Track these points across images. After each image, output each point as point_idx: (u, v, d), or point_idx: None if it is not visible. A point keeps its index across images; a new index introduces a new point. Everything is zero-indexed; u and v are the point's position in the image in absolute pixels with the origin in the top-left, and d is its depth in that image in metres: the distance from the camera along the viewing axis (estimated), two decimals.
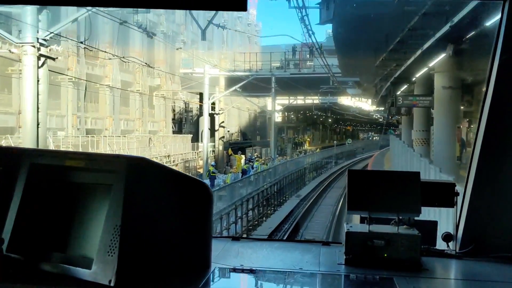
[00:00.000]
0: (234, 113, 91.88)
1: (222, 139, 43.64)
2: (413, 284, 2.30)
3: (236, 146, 58.94)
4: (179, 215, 2.23)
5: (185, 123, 69.92)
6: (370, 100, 58.91)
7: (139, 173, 2.08)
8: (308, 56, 53.17)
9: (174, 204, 2.22)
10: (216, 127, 42.48)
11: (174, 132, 56.62)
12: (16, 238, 2.17)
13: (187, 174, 2.53)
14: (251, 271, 2.37)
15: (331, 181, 41.13)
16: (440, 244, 2.80)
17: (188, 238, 2.25)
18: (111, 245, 1.97)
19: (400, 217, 2.61)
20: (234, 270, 2.38)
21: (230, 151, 46.60)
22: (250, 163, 39.85)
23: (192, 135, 57.94)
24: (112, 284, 1.92)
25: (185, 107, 69.49)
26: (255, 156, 44.55)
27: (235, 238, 3.06)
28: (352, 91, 52.67)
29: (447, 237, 2.79)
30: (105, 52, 38.84)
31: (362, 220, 2.71)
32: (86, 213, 2.17)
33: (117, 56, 35.51)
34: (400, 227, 2.59)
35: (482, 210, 2.76)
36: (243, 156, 43.13)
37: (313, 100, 63.65)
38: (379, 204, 2.61)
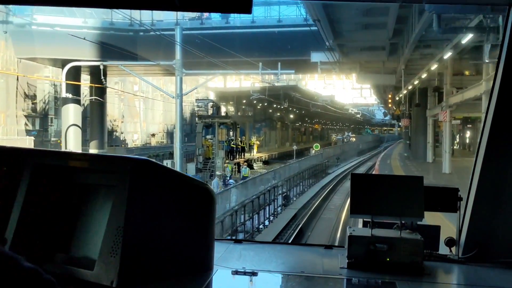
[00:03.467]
0: (157, 107, 65.32)
1: None
2: None
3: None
4: (182, 217, 2.21)
5: (54, 117, 46.66)
6: (354, 76, 34.39)
7: (143, 175, 2.07)
8: None
9: (177, 206, 2.19)
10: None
11: (27, 132, 38.26)
12: (19, 238, 2.16)
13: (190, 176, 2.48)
14: (253, 274, 2.36)
15: None
16: (443, 249, 2.78)
17: (190, 240, 2.23)
18: (114, 246, 1.96)
19: (403, 222, 2.60)
20: (236, 272, 2.37)
21: None
22: None
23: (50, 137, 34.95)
24: (114, 285, 1.91)
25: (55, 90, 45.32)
26: None
27: (238, 241, 3.02)
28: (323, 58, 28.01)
29: (450, 242, 2.79)
30: None
31: (365, 224, 2.69)
32: (89, 214, 2.16)
33: None
34: (403, 231, 2.58)
35: (485, 216, 2.75)
36: None
37: (269, 83, 39.09)
38: (382, 208, 2.61)
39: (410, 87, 33.91)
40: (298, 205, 25.82)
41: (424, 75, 27.62)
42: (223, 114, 47.29)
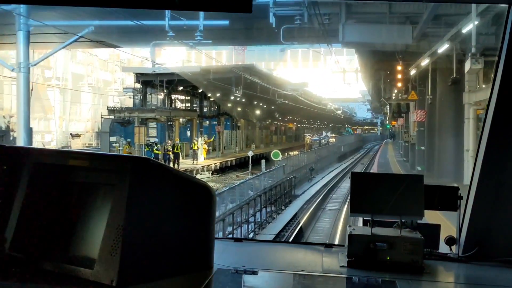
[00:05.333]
0: (85, 99, 50.54)
1: None
2: (415, 287, 2.34)
3: None
4: (181, 216, 2.22)
5: None
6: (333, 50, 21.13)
7: (143, 174, 2.07)
8: None
9: (177, 205, 2.20)
10: None
11: None
12: (18, 237, 2.17)
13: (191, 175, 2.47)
14: (253, 273, 2.36)
15: None
16: (443, 248, 2.79)
17: (190, 239, 2.24)
18: (114, 245, 1.96)
19: (403, 220, 2.61)
20: (237, 271, 2.37)
21: None
22: None
23: None
24: (114, 284, 1.91)
25: None
26: None
27: (238, 240, 3.04)
28: None
29: (450, 241, 2.81)
30: None
31: (365, 223, 2.70)
32: (89, 212, 2.16)
33: None
34: (403, 230, 2.59)
35: (485, 214, 2.76)
36: None
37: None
38: (382, 207, 2.62)
39: (422, 63, 20.49)
40: None
41: None
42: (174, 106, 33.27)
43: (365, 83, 46.60)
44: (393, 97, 36.35)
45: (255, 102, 52.13)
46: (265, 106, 55.16)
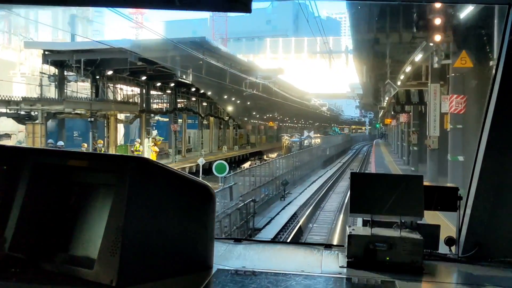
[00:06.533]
0: (18, 90, 38.03)
1: None
2: None
3: None
4: (181, 216, 2.23)
5: None
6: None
7: (142, 174, 2.08)
8: None
9: (176, 205, 2.21)
10: None
11: None
12: (18, 237, 2.17)
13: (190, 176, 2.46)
14: (253, 273, 2.37)
15: None
16: (443, 248, 2.79)
17: (190, 239, 2.25)
18: (114, 246, 1.97)
19: (403, 221, 2.62)
20: (236, 272, 2.38)
21: None
22: None
23: None
24: (114, 284, 1.93)
25: None
26: None
27: (237, 240, 3.02)
28: None
29: (450, 241, 2.80)
30: None
31: (365, 223, 2.70)
32: (89, 213, 2.17)
33: None
34: (402, 230, 2.59)
35: (485, 215, 2.77)
36: None
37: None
38: (382, 207, 2.62)
39: None
40: None
41: None
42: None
43: (357, 67, 37.31)
44: (401, 80, 25.40)
45: (226, 96, 43.49)
46: (238, 102, 46.58)
